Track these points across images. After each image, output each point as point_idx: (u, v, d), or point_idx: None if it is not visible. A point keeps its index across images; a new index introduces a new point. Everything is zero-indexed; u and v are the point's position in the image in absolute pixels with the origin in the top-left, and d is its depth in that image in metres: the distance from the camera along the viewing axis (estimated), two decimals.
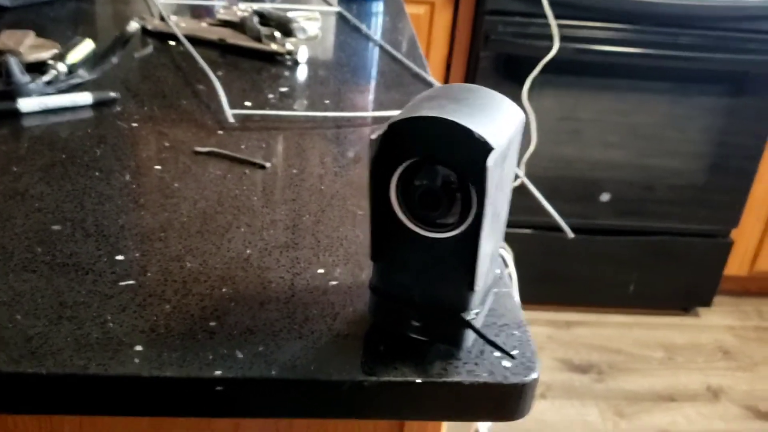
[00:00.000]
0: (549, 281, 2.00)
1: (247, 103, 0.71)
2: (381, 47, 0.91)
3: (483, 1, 1.65)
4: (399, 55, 0.87)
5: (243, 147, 0.62)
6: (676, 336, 2.04)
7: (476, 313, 0.39)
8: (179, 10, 1.00)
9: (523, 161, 1.73)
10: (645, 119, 1.80)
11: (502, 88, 1.71)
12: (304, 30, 0.80)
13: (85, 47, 0.75)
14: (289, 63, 0.83)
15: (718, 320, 2.13)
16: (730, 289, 2.18)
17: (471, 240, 0.36)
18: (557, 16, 1.62)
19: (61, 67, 0.70)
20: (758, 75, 1.75)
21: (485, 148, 0.34)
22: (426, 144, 0.36)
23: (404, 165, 0.37)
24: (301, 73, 0.81)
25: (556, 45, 1.63)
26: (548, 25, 1.63)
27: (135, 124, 0.64)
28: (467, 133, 0.34)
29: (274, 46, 0.81)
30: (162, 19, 0.88)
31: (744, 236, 2.01)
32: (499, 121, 0.36)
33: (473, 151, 0.34)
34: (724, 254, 2.01)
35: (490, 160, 0.34)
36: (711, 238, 1.98)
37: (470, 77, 1.75)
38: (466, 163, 0.35)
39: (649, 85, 1.75)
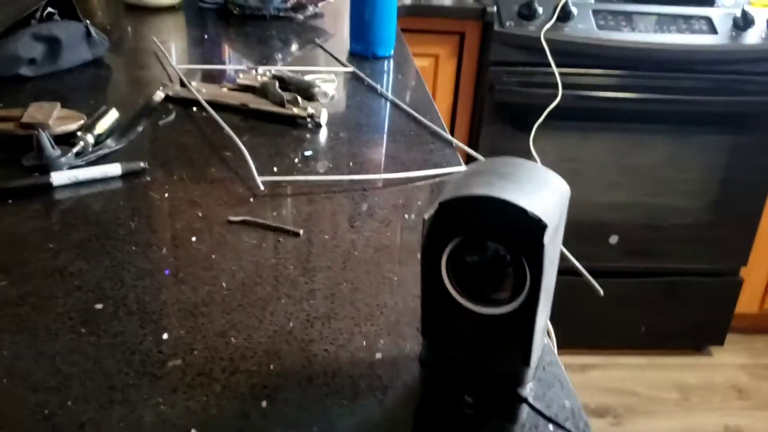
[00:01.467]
0: (561, 324, 1.99)
1: (274, 169, 0.72)
2: (398, 106, 0.93)
3: (487, 52, 1.68)
4: (417, 115, 0.89)
5: (274, 214, 0.63)
6: (690, 376, 2.03)
7: (531, 388, 0.39)
8: (196, 74, 1.02)
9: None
10: (650, 161, 1.81)
11: (507, 135, 1.74)
12: (325, 94, 0.81)
13: (111, 117, 0.76)
14: (310, 126, 0.84)
15: (730, 359, 2.12)
16: (740, 326, 2.18)
17: (525, 315, 0.37)
18: (558, 65, 1.65)
19: (89, 139, 0.71)
20: (758, 115, 1.77)
21: (539, 226, 0.34)
22: (477, 221, 0.36)
23: (455, 242, 0.37)
24: (323, 136, 0.82)
25: (560, 93, 1.65)
26: (551, 74, 1.65)
27: (166, 194, 0.65)
28: (521, 211, 0.35)
29: (295, 110, 0.83)
30: (183, 84, 0.90)
31: (753, 274, 2.01)
32: (547, 195, 0.37)
33: (527, 228, 0.35)
34: (734, 293, 2.00)
35: (546, 238, 0.34)
36: (720, 276, 1.98)
37: (475, 125, 1.77)
38: (519, 240, 0.35)
39: (652, 127, 1.77)
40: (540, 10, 1.65)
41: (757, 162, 1.82)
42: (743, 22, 1.66)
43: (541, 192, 0.37)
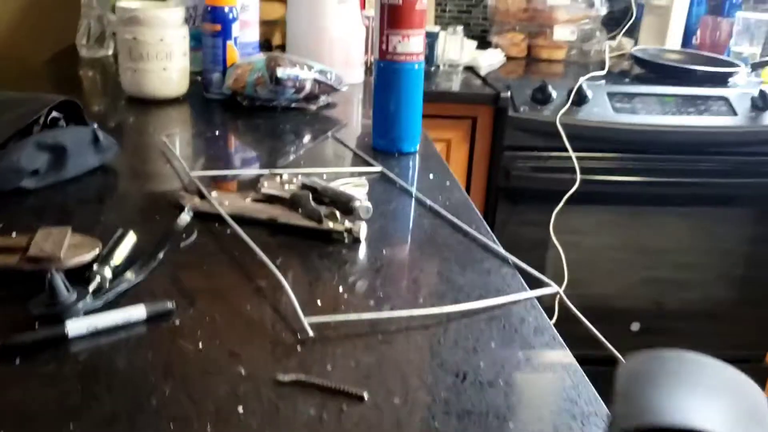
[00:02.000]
0: None
1: (318, 302, 0.63)
2: (438, 213, 0.85)
3: (500, 136, 1.62)
4: (463, 225, 0.81)
5: (329, 368, 0.53)
6: None
7: None
8: (212, 182, 0.94)
9: (556, 299, 1.65)
10: (670, 244, 1.75)
11: (523, 221, 1.66)
12: (368, 210, 0.73)
13: (128, 242, 0.67)
14: (346, 241, 0.75)
15: None
16: None
17: None
18: (575, 149, 1.59)
19: (107, 272, 0.62)
20: None
21: None
22: None
23: None
24: (363, 253, 0.73)
25: (578, 178, 1.59)
26: (567, 158, 1.60)
27: (200, 344, 0.55)
28: None
29: (331, 225, 0.74)
30: (201, 196, 0.81)
31: None
32: (750, 415, 0.28)
33: None
34: (761, 379, 1.91)
35: None
36: (746, 362, 1.89)
37: (490, 211, 1.70)
38: None
39: (672, 210, 1.71)
40: (554, 94, 1.61)
41: None
42: (762, 103, 1.63)
43: (743, 411, 0.28)
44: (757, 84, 1.76)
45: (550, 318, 0.66)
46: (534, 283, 0.71)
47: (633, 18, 2.13)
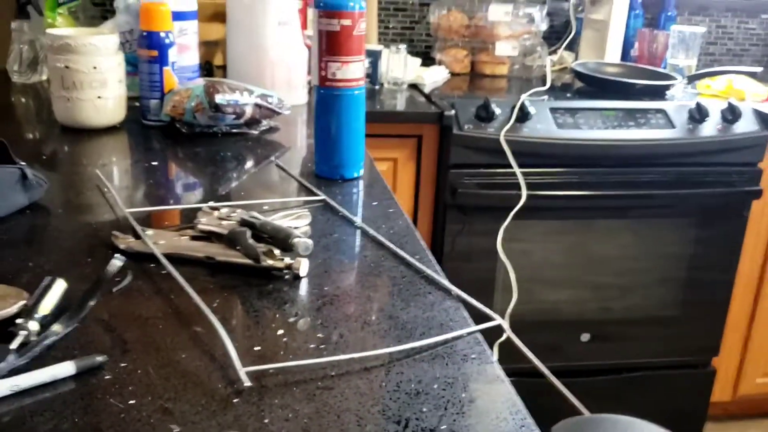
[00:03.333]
0: (539, 425, 1.89)
1: (256, 348, 0.61)
2: (381, 244, 0.84)
3: (446, 154, 1.63)
4: (407, 257, 0.80)
5: (266, 421, 0.52)
6: None
7: None
8: (149, 216, 0.91)
9: (507, 313, 1.66)
10: (617, 255, 1.77)
11: (471, 237, 1.67)
12: (307, 247, 0.71)
13: (57, 290, 0.64)
14: (287, 278, 0.74)
15: None
16: (715, 414, 2.12)
17: None
18: (520, 165, 1.61)
19: (33, 326, 0.59)
20: (719, 205, 1.76)
21: None
22: None
23: None
24: (304, 291, 0.72)
25: (524, 194, 1.60)
26: (512, 174, 1.61)
27: (132, 401, 0.53)
28: None
29: (270, 262, 0.73)
30: (136, 236, 0.79)
31: (724, 362, 1.97)
32: None
33: None
34: (708, 383, 1.96)
35: None
36: (694, 368, 1.94)
37: (438, 229, 1.70)
38: None
39: (616, 222, 1.74)
40: (498, 111, 1.62)
41: (721, 251, 1.81)
42: (699, 115, 1.67)
43: None
44: (693, 96, 1.80)
45: (499, 336, 0.66)
46: (480, 317, 0.70)
47: (573, 32, 2.17)
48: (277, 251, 0.73)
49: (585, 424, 0.30)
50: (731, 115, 1.68)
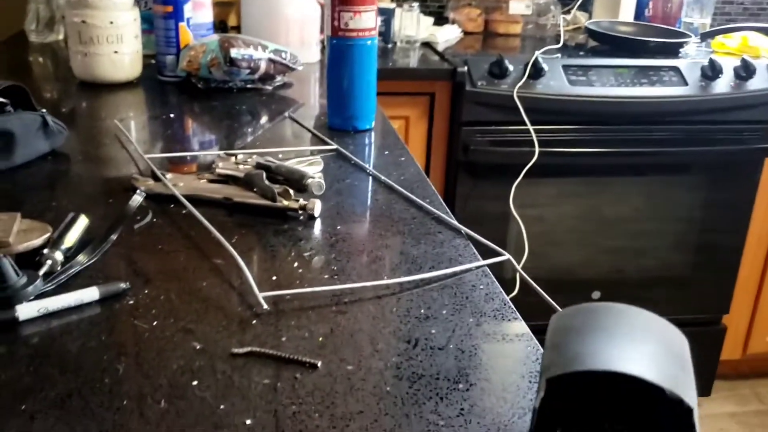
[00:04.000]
0: None
1: (273, 277, 0.63)
2: (393, 189, 0.86)
3: (458, 112, 1.64)
4: (417, 200, 0.82)
5: (284, 339, 0.54)
6: None
7: None
8: (166, 162, 0.93)
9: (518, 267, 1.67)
10: (628, 213, 1.78)
11: (483, 195, 1.68)
12: (320, 186, 0.74)
13: (80, 225, 0.67)
14: (302, 218, 0.76)
15: (718, 408, 2.08)
16: (724, 373, 2.14)
17: None
18: (532, 122, 1.61)
19: (57, 256, 0.62)
20: (731, 163, 1.76)
21: (683, 409, 0.27)
22: (596, 404, 0.29)
23: (567, 426, 0.30)
24: (318, 230, 0.74)
25: (537, 151, 1.61)
26: (525, 131, 1.62)
27: (155, 322, 0.56)
28: (657, 391, 0.27)
29: (286, 203, 0.75)
30: (155, 178, 0.81)
31: (735, 320, 1.98)
32: (675, 361, 0.30)
33: (665, 412, 0.28)
34: (718, 341, 1.97)
35: (696, 424, 0.27)
36: (704, 326, 1.95)
37: (450, 186, 1.72)
38: (653, 425, 0.28)
39: (628, 180, 1.75)
40: (511, 68, 1.62)
41: (732, 208, 1.81)
42: (711, 72, 1.66)
43: (667, 356, 0.30)
44: (707, 54, 1.79)
45: (511, 290, 0.67)
46: (489, 254, 0.72)
47: None
48: (292, 192, 0.75)
49: (581, 310, 0.32)
50: (745, 72, 1.67)
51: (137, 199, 0.69)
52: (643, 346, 0.30)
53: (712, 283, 1.89)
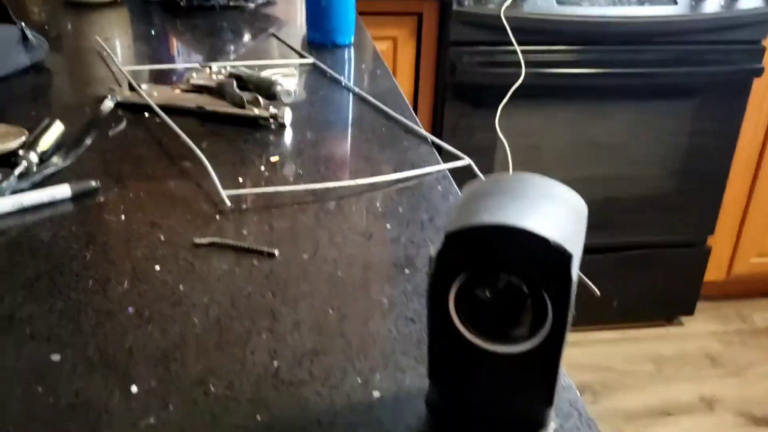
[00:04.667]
0: None
1: (240, 179, 0.66)
2: (365, 100, 0.87)
3: (446, 32, 1.63)
4: (387, 109, 0.84)
5: (245, 232, 0.57)
6: (663, 347, 2.04)
7: (553, 428, 0.35)
8: (146, 75, 0.95)
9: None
10: (614, 135, 1.80)
11: (471, 116, 1.69)
12: (288, 93, 0.75)
13: (55, 130, 0.69)
14: (273, 127, 0.78)
15: (701, 327, 2.13)
16: (709, 294, 2.19)
17: (548, 352, 0.33)
18: (519, 43, 1.61)
19: (33, 157, 0.64)
20: (719, 84, 1.76)
21: (564, 257, 0.30)
22: (490, 254, 0.32)
23: (464, 277, 0.33)
24: (289, 138, 0.76)
25: (523, 71, 1.61)
26: (513, 52, 1.61)
27: (123, 216, 0.59)
28: (541, 241, 0.30)
29: (257, 111, 0.77)
30: (132, 88, 0.83)
31: (719, 241, 2.02)
32: (566, 217, 0.33)
33: (549, 260, 0.30)
34: (702, 262, 2.01)
35: (573, 270, 0.30)
36: (688, 247, 1.99)
37: (438, 108, 1.73)
38: (540, 272, 0.31)
39: (615, 101, 1.75)
40: None
41: (720, 130, 1.82)
42: None
43: (559, 213, 0.32)
44: None
45: None
46: (454, 161, 0.75)
47: None
48: (261, 100, 0.77)
49: (489, 178, 0.35)
50: None
51: (108, 104, 0.71)
52: (539, 206, 0.32)
53: (697, 203, 1.91)
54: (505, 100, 1.64)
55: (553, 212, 0.32)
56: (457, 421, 0.37)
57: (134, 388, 0.41)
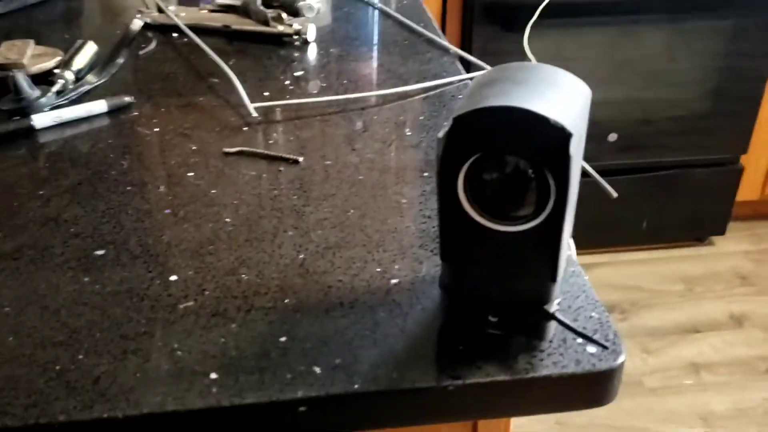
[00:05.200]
0: None
1: (266, 93, 0.68)
2: (388, 15, 0.88)
3: None
4: (409, 22, 0.84)
5: (271, 142, 0.60)
6: (694, 267, 2.05)
7: (558, 303, 0.38)
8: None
9: None
10: (645, 53, 1.76)
11: (499, 36, 1.68)
12: (311, 8, 0.77)
13: (89, 50, 0.72)
14: (297, 43, 0.80)
15: (733, 247, 2.13)
16: (742, 214, 2.18)
17: (551, 230, 0.35)
18: None
19: (69, 75, 0.67)
20: (757, 1, 1.71)
21: (563, 135, 0.32)
22: (495, 135, 0.34)
23: (471, 159, 0.35)
24: (312, 53, 0.78)
25: None
26: None
27: (156, 129, 0.62)
28: (543, 120, 0.32)
29: (281, 28, 0.78)
30: (160, 10, 0.85)
31: (753, 161, 1.99)
32: (569, 99, 0.34)
33: (550, 139, 0.32)
34: (735, 181, 1.99)
35: (572, 147, 0.32)
36: (721, 166, 1.97)
37: (467, 29, 1.71)
38: (542, 152, 0.33)
39: (646, 17, 1.71)
40: None
41: (756, 47, 1.77)
42: None
43: (562, 97, 0.34)
44: None
45: None
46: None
47: None
48: (284, 16, 0.78)
49: (498, 67, 0.36)
50: None
51: (137, 23, 0.73)
52: (542, 91, 0.34)
53: (731, 125, 1.88)
54: (533, 19, 1.61)
55: (556, 96, 0.34)
56: (468, 299, 0.39)
57: (173, 277, 0.44)
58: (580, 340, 0.39)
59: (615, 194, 0.61)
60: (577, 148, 0.33)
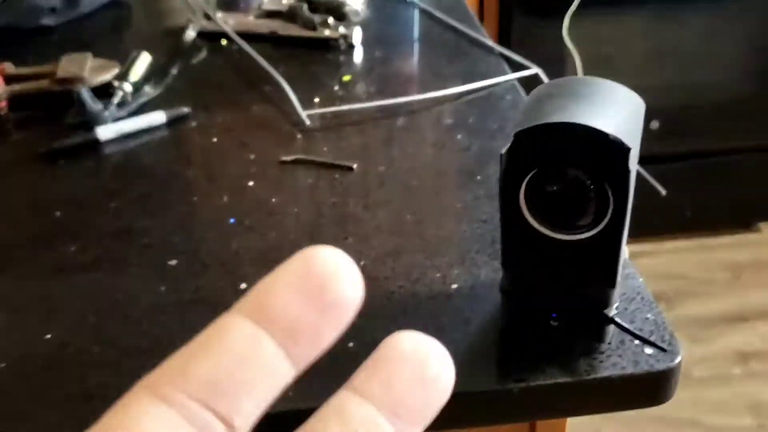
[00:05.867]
0: None
1: (316, 99, 0.70)
2: (431, 15, 0.89)
3: None
4: (453, 22, 0.85)
5: (325, 149, 0.62)
6: (740, 254, 2.02)
7: (617, 308, 0.39)
8: (214, 4, 0.99)
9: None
10: (686, 38, 1.74)
11: (539, 27, 1.67)
12: (356, 12, 0.78)
13: (144, 61, 0.74)
14: (343, 47, 0.81)
15: None
16: None
17: (610, 238, 0.36)
18: None
19: (127, 87, 0.70)
20: None
21: (622, 149, 0.33)
22: (556, 150, 0.35)
23: (532, 173, 0.36)
24: (359, 56, 0.79)
25: None
26: None
27: (214, 139, 0.64)
28: (602, 136, 0.33)
29: (327, 32, 0.80)
30: (208, 18, 0.87)
31: None
32: (625, 114, 0.35)
33: (609, 153, 0.33)
34: None
35: (631, 162, 0.33)
36: (766, 151, 1.93)
37: (504, 20, 1.71)
38: (601, 166, 0.34)
39: (689, 3, 1.69)
40: None
41: None
42: None
43: (618, 111, 0.35)
44: None
45: None
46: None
47: None
48: (331, 21, 0.80)
49: (554, 83, 0.38)
50: None
51: (190, 34, 0.75)
52: (599, 105, 0.35)
53: None
54: (573, 7, 1.60)
55: (613, 111, 0.35)
56: (528, 305, 0.41)
57: (243, 285, 0.46)
58: (637, 341, 0.40)
59: (664, 192, 0.61)
60: (633, 160, 0.34)
